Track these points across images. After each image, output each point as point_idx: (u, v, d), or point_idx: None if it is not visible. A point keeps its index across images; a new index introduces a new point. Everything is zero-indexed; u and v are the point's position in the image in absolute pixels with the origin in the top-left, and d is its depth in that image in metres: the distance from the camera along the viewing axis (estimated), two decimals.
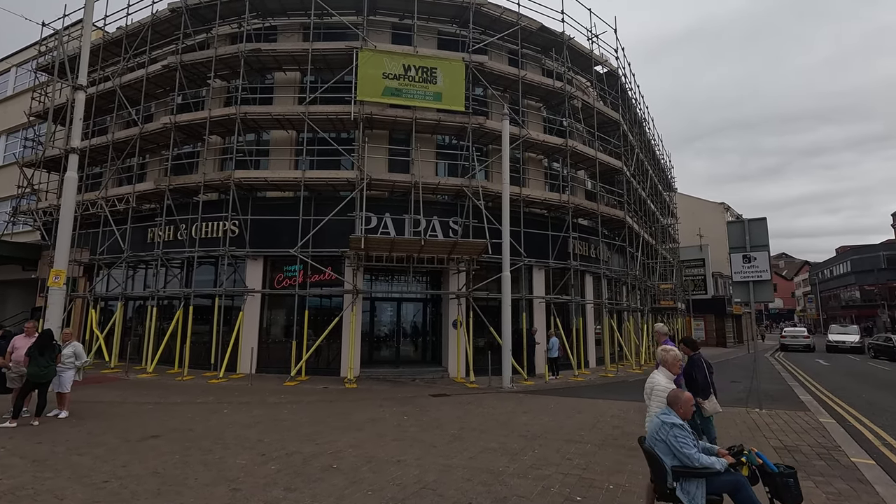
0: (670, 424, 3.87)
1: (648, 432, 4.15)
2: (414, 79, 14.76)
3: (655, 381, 4.71)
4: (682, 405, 4.02)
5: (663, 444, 3.87)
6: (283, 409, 9.60)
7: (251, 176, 14.34)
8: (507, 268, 13.76)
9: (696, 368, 6.02)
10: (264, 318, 15.32)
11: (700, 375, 5.96)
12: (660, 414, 4.07)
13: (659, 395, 4.52)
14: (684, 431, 3.83)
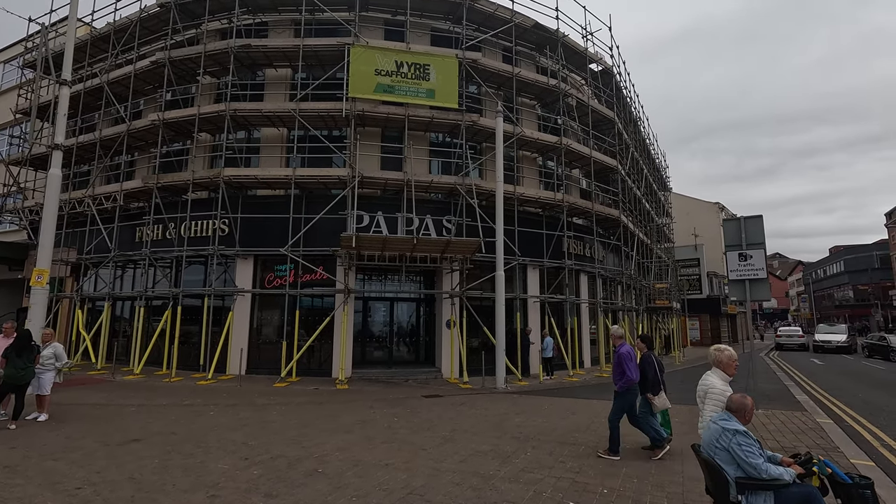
0: (733, 431, 3.52)
1: (705, 439, 3.77)
2: (406, 75, 14.57)
3: (710, 383, 4.40)
4: (748, 412, 3.71)
5: (725, 453, 3.52)
6: (271, 411, 9.38)
7: (241, 174, 14.10)
8: (500, 267, 13.59)
9: (648, 366, 6.43)
10: (255, 319, 15.08)
11: (651, 372, 6.38)
12: (718, 420, 3.72)
13: (715, 399, 4.23)
14: (749, 439, 3.50)
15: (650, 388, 6.41)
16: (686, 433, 7.60)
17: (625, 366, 6.24)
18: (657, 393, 6.39)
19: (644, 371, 6.45)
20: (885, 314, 48.09)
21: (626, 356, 6.30)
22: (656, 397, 6.39)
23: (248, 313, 14.77)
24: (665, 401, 6.40)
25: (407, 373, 14.85)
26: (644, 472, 5.75)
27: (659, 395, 6.39)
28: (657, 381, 6.38)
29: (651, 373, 6.40)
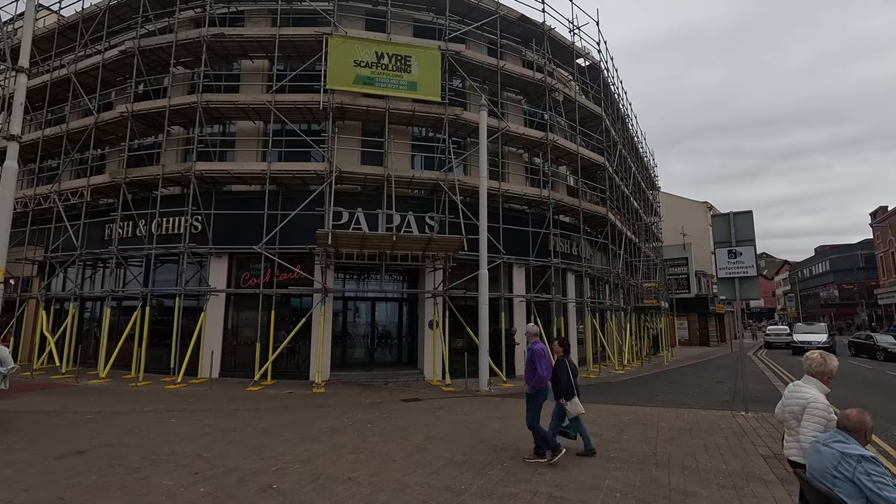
0: (857, 457, 2.84)
1: (815, 466, 3.07)
2: (387, 67, 14.06)
3: (808, 395, 3.64)
4: (869, 431, 3.08)
5: (849, 485, 2.83)
6: (238, 417, 8.84)
7: (213, 168, 13.50)
8: (484, 265, 13.14)
9: (561, 370, 6.33)
10: (229, 319, 14.47)
11: (564, 377, 6.28)
12: (831, 442, 3.03)
13: (817, 415, 3.49)
14: (879, 467, 2.82)
15: (563, 392, 6.30)
16: (672, 439, 7.20)
17: (536, 362, 6.05)
18: (570, 398, 6.27)
19: (557, 376, 6.35)
20: (870, 313, 48.47)
21: (539, 353, 6.12)
22: (569, 402, 6.27)
23: (223, 314, 14.17)
24: (578, 406, 6.30)
25: (388, 375, 14.35)
26: (628, 485, 5.32)
27: (572, 400, 6.28)
28: (570, 386, 6.26)
29: (564, 378, 6.30)
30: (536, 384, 6.10)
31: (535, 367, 6.11)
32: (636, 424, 8.28)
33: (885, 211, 42.00)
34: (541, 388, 6.17)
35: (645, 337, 25.06)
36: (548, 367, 6.20)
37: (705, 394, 12.18)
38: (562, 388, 6.31)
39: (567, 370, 6.33)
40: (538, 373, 6.06)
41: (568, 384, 6.28)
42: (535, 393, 6.15)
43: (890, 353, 23.03)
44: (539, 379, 6.08)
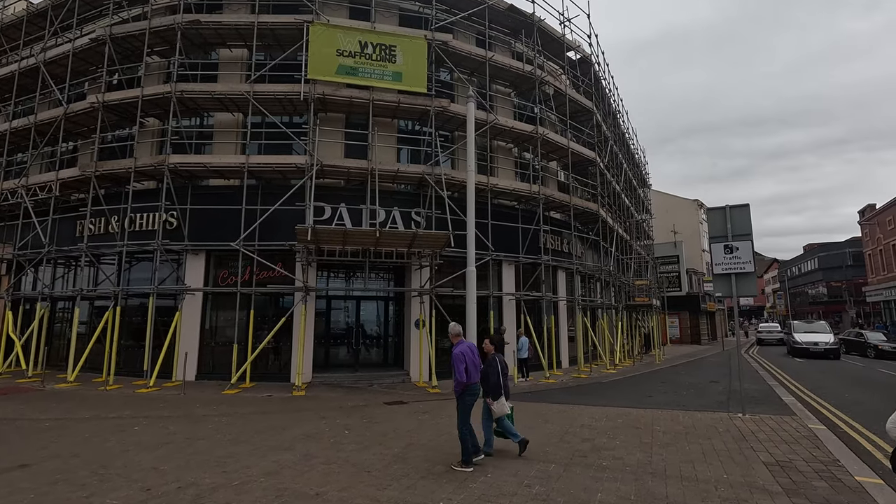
0: None
1: None
2: (371, 57, 13.53)
3: None
4: None
5: None
6: (208, 424, 8.29)
7: (188, 161, 12.90)
8: (472, 262, 12.63)
9: (490, 369, 6.21)
10: (207, 319, 13.89)
11: (493, 376, 6.17)
12: None
13: None
14: None
15: (490, 390, 6.20)
16: (668, 444, 6.77)
17: (454, 367, 5.84)
18: (497, 397, 6.17)
19: (486, 374, 6.23)
20: (859, 310, 48.73)
21: (457, 357, 5.88)
22: (495, 402, 6.17)
23: (199, 314, 13.58)
24: (504, 406, 6.19)
25: (373, 377, 13.84)
26: (623, 499, 4.87)
27: (499, 399, 6.18)
28: (498, 386, 6.15)
29: (493, 377, 6.18)
30: (457, 388, 5.92)
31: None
32: (629, 428, 7.86)
33: (874, 209, 42.14)
34: (466, 390, 5.92)
35: (636, 335, 24.77)
36: (474, 370, 5.96)
37: (700, 394, 11.81)
38: (490, 387, 6.19)
39: (497, 369, 6.20)
40: (456, 377, 5.86)
41: (496, 383, 6.16)
42: (459, 395, 5.94)
43: (881, 350, 22.96)
44: (457, 383, 5.88)
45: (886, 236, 38.76)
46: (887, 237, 38.59)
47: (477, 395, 6.04)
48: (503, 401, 6.21)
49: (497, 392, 6.18)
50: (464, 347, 6.01)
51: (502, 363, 6.34)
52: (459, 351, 5.93)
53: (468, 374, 5.87)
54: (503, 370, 6.27)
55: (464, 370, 5.83)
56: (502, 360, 6.41)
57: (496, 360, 6.27)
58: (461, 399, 5.94)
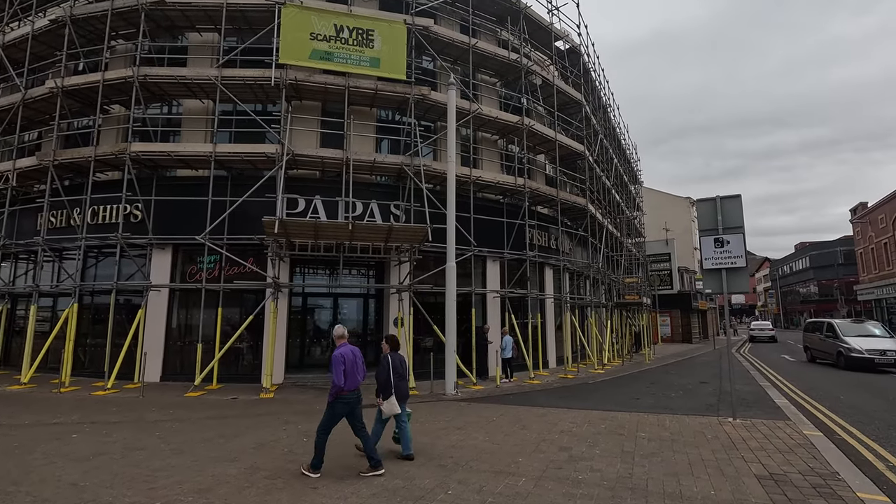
0: None
1: None
2: (347, 41, 12.86)
3: None
4: None
5: None
6: (157, 430, 7.62)
7: (151, 149, 12.17)
8: (452, 257, 12.05)
9: (381, 367, 6.10)
10: (173, 318, 13.18)
11: (382, 375, 6.02)
12: None
13: None
14: None
15: (381, 390, 6.04)
16: (652, 454, 6.19)
17: (333, 370, 5.44)
18: (387, 397, 5.97)
19: (377, 373, 6.11)
20: (850, 309, 48.64)
21: (336, 359, 5.51)
22: (385, 401, 5.98)
23: (165, 312, 12.87)
24: (394, 406, 5.97)
25: None
26: None
27: (388, 399, 5.97)
28: (388, 385, 5.98)
29: (382, 375, 6.03)
30: (333, 393, 5.50)
31: None
32: (612, 435, 7.27)
33: (866, 207, 41.96)
34: (339, 398, 5.50)
35: (627, 334, 24.28)
36: (352, 374, 5.55)
37: (689, 396, 11.27)
38: (379, 385, 6.05)
39: (387, 367, 6.05)
40: (334, 381, 5.43)
41: (385, 382, 6.00)
42: (331, 402, 5.53)
43: None
44: (334, 387, 5.45)
45: (878, 234, 38.57)
46: (879, 235, 38.40)
47: (351, 405, 5.58)
48: (393, 401, 5.95)
49: (387, 391, 5.97)
50: (346, 350, 5.64)
51: (396, 362, 6.15)
52: (340, 353, 5.56)
53: (346, 379, 5.46)
54: (397, 369, 6.10)
55: (342, 372, 5.43)
56: (399, 358, 6.25)
57: (388, 359, 6.10)
58: (331, 406, 5.53)
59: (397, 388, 6.04)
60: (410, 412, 6.57)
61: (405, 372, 6.31)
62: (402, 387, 6.15)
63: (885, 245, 37.39)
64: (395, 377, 6.04)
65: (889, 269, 36.90)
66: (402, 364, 6.28)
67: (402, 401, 6.13)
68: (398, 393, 6.03)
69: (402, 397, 6.12)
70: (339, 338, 5.83)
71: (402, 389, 6.15)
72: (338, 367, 5.43)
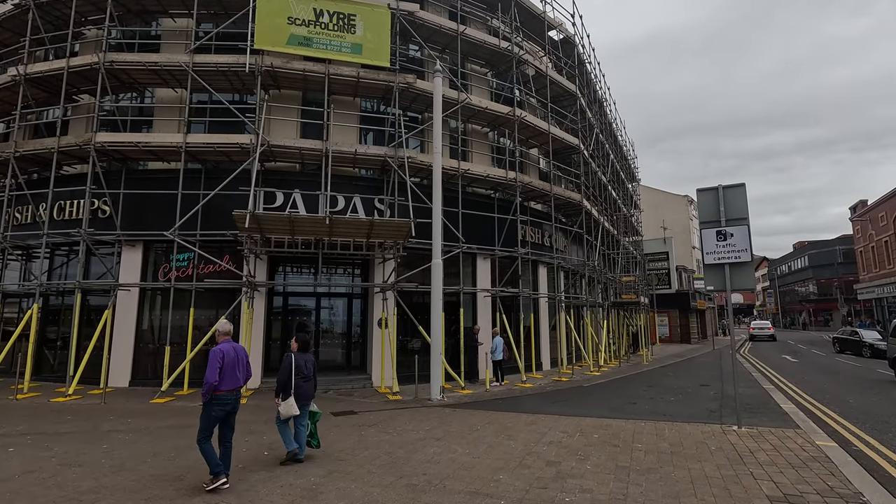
0: None
1: None
2: (327, 27, 12.19)
3: None
4: None
5: None
6: (106, 442, 6.93)
7: (118, 140, 11.46)
8: (438, 254, 11.37)
9: (283, 366, 5.94)
10: (144, 319, 12.48)
11: (283, 374, 5.88)
12: None
13: None
14: None
15: (279, 390, 5.87)
16: (650, 470, 5.50)
17: (208, 366, 5.02)
18: (286, 398, 5.77)
19: (279, 372, 5.97)
20: (850, 308, 48.10)
21: (213, 354, 5.10)
22: (283, 403, 5.77)
23: (135, 312, 12.16)
24: (291, 408, 5.73)
25: (332, 381, 12.50)
26: None
27: (286, 401, 5.75)
28: (287, 385, 5.82)
29: (283, 374, 5.87)
30: (205, 392, 5.05)
31: None
32: (606, 446, 6.60)
33: (866, 205, 41.45)
34: (215, 399, 5.09)
35: (624, 335, 23.63)
36: (234, 375, 5.20)
37: (689, 400, 10.61)
38: (278, 386, 5.87)
39: (288, 367, 5.87)
40: (206, 379, 5.01)
41: (285, 382, 5.82)
42: (206, 402, 5.10)
43: (876, 349, 21.97)
44: (206, 386, 5.01)
45: (879, 233, 38.03)
46: (879, 233, 37.86)
47: (228, 407, 5.19)
48: (291, 402, 5.73)
49: (286, 391, 5.79)
50: (227, 347, 5.28)
51: (301, 362, 5.97)
52: (219, 349, 5.18)
53: (222, 377, 5.06)
54: (301, 370, 5.93)
55: (217, 370, 5.03)
56: (305, 359, 6.07)
57: (290, 358, 5.94)
58: (206, 408, 5.11)
59: (300, 389, 5.87)
60: (320, 413, 6.31)
61: (312, 373, 6.12)
62: (307, 388, 6.00)
63: (886, 243, 36.85)
64: (298, 378, 5.87)
65: (890, 267, 36.36)
66: (309, 364, 6.10)
67: (306, 402, 5.99)
68: (301, 394, 5.87)
69: (305, 398, 5.96)
70: (222, 334, 5.44)
71: (306, 391, 5.98)
72: (213, 363, 5.02)
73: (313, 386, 6.19)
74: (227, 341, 5.36)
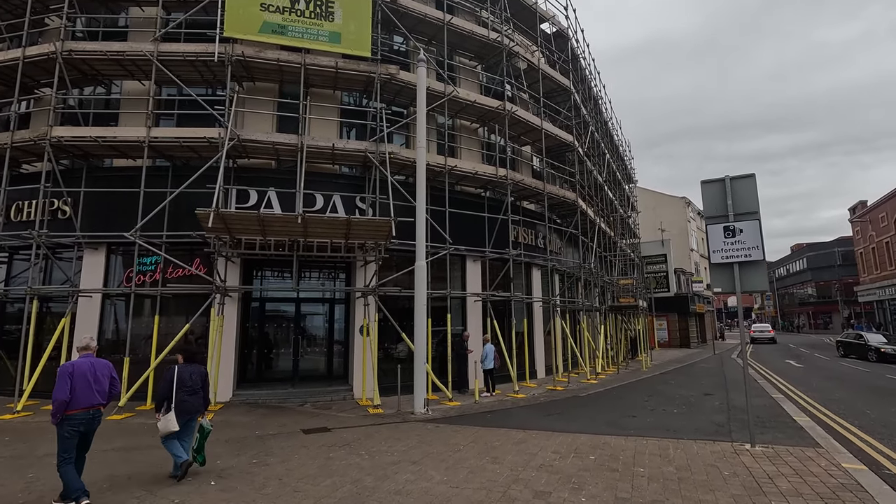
0: None
1: None
2: (304, 14, 11.43)
3: None
4: None
5: None
6: (31, 471, 6.07)
7: (75, 135, 10.62)
8: (422, 256, 10.57)
9: (163, 380, 5.66)
10: (108, 327, 11.64)
11: (162, 389, 5.61)
12: None
13: None
14: None
15: (158, 406, 5.59)
16: (654, 503, 4.69)
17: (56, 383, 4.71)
18: (166, 412, 5.47)
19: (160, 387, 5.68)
20: (851, 311, 47.45)
21: (63, 370, 4.79)
22: (162, 418, 5.47)
23: (97, 320, 11.29)
24: (168, 423, 5.41)
25: (310, 393, 11.66)
26: None
27: (166, 416, 5.44)
28: (167, 398, 5.52)
29: (162, 389, 5.59)
30: (55, 411, 4.72)
31: None
32: (603, 471, 5.78)
33: (865, 206, 40.88)
34: (67, 418, 4.76)
35: (622, 339, 22.84)
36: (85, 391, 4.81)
37: (693, 412, 9.81)
38: (157, 400, 5.60)
39: (170, 380, 5.57)
40: (55, 395, 4.69)
41: (163, 396, 5.55)
42: (57, 423, 4.78)
43: (883, 353, 21.25)
44: (55, 404, 4.68)
45: (879, 234, 37.42)
46: (880, 234, 37.25)
47: (81, 428, 4.85)
48: (170, 417, 5.41)
49: (166, 406, 5.49)
50: (82, 361, 4.97)
51: (185, 375, 5.64)
52: (72, 363, 4.88)
53: (73, 395, 4.72)
54: (185, 383, 5.60)
55: (67, 387, 4.69)
56: (191, 371, 5.73)
57: (172, 371, 5.64)
58: (59, 428, 4.78)
59: (185, 403, 5.56)
60: (210, 428, 5.89)
61: (199, 385, 5.76)
62: (192, 402, 5.66)
63: (887, 244, 36.23)
64: (182, 392, 5.56)
65: (891, 268, 35.73)
66: (195, 377, 5.75)
67: (190, 416, 5.67)
68: (185, 409, 5.55)
69: (188, 413, 5.62)
70: (81, 349, 5.13)
71: (191, 405, 5.65)
72: (62, 379, 4.70)
73: (201, 399, 5.81)
74: (86, 356, 5.06)
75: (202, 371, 5.93)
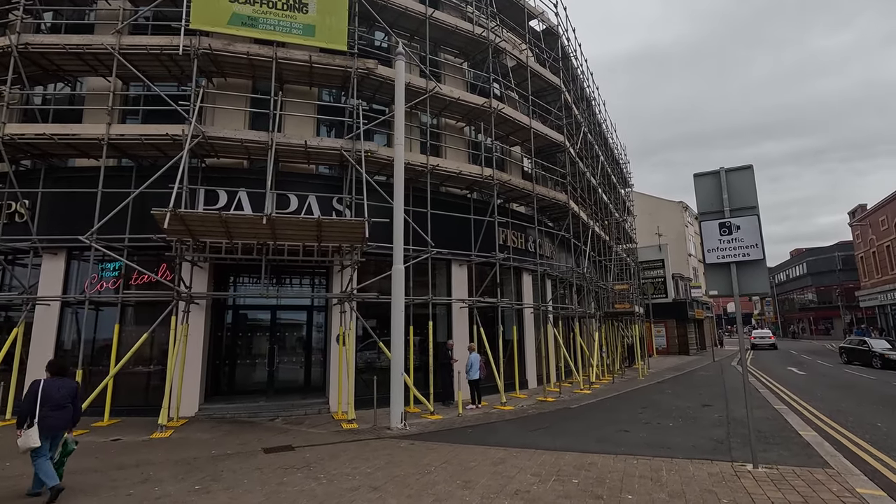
0: None
1: None
2: (276, 5, 10.86)
3: None
4: None
5: None
6: None
7: (28, 132, 9.99)
8: (399, 259, 9.94)
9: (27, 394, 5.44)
10: (67, 337, 10.92)
11: (25, 403, 5.33)
12: None
13: None
14: None
15: (19, 421, 5.28)
16: None
17: None
18: (29, 427, 5.18)
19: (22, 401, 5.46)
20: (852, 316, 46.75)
21: None
22: (22, 433, 5.17)
23: (55, 330, 10.59)
24: (28, 439, 5.14)
25: (283, 406, 10.95)
26: None
27: (26, 431, 5.15)
28: (30, 413, 5.25)
29: (25, 404, 5.32)
30: None
31: None
32: (586, 499, 5.09)
33: (865, 209, 40.33)
34: None
35: (618, 347, 22.12)
36: None
37: (690, 426, 9.11)
38: (20, 415, 5.31)
39: (33, 394, 5.35)
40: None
41: (25, 411, 5.27)
42: None
43: (887, 359, 20.55)
44: None
45: (880, 237, 36.84)
46: (881, 238, 36.67)
47: None
48: (31, 433, 5.14)
49: (28, 421, 5.21)
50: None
51: (52, 389, 5.43)
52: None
53: None
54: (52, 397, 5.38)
55: None
56: (59, 385, 5.53)
57: (37, 385, 5.42)
58: None
59: (50, 419, 5.30)
60: (74, 444, 5.73)
61: (68, 401, 5.51)
62: (58, 418, 5.40)
63: (888, 248, 35.63)
64: (48, 407, 5.31)
65: (893, 272, 35.10)
66: (63, 391, 5.51)
67: (56, 433, 5.42)
68: (51, 424, 5.30)
69: (54, 429, 5.37)
70: None
71: (57, 421, 5.39)
72: None
73: (70, 415, 5.56)
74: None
75: (72, 385, 5.70)
